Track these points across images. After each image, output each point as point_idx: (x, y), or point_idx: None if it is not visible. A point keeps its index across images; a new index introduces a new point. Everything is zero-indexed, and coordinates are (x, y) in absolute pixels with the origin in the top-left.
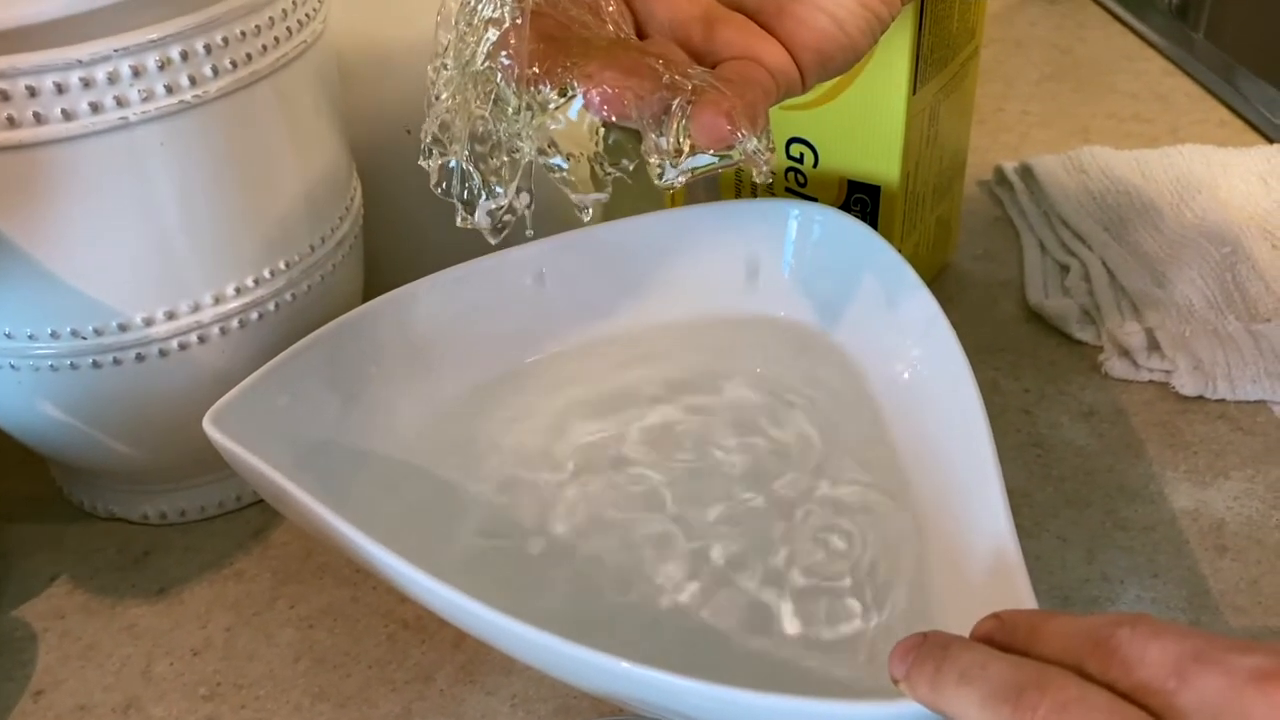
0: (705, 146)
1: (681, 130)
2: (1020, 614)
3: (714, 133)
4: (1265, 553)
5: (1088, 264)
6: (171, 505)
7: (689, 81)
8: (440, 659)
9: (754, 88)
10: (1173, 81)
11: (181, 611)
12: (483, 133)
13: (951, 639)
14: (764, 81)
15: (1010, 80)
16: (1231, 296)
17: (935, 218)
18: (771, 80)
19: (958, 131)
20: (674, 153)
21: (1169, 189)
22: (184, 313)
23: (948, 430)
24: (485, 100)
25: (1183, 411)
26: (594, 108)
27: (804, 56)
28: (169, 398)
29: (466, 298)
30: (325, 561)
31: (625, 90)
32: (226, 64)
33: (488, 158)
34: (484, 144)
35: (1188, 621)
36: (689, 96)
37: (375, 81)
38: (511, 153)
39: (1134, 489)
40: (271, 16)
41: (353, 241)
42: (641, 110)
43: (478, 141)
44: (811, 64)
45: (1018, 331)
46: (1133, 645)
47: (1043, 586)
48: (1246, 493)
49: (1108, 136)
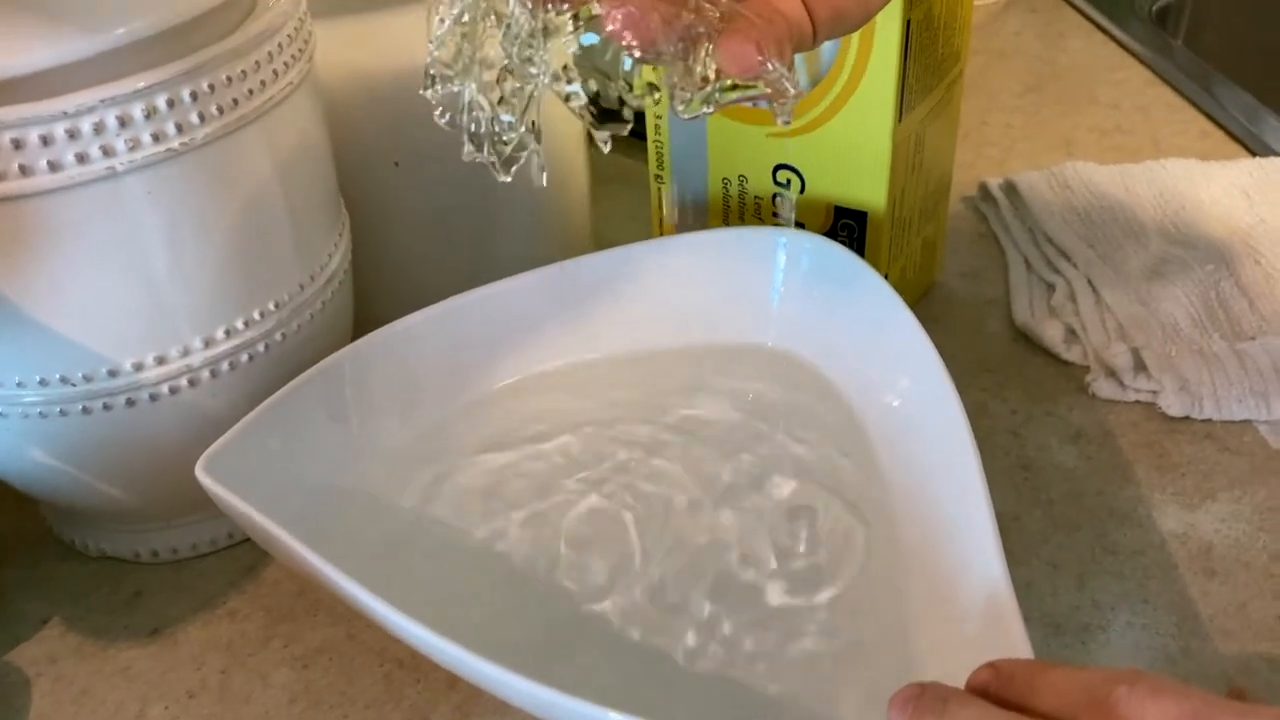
0: (733, 74)
1: (708, 59)
2: (1017, 665)
3: (742, 60)
4: (1253, 575)
5: (1073, 282)
6: (163, 543)
7: (716, 9)
8: (435, 698)
9: (779, 23)
10: (1154, 92)
11: (175, 653)
12: (492, 59)
13: (950, 693)
14: (787, 18)
15: (993, 93)
16: (1216, 315)
17: (921, 240)
18: (789, 26)
19: (943, 155)
20: (700, 82)
21: (1152, 204)
22: (174, 357)
23: (937, 464)
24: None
25: (1170, 432)
26: (615, 32)
27: (820, 11)
28: (160, 442)
29: (457, 330)
30: (319, 598)
31: (650, 13)
32: (213, 110)
33: (497, 85)
34: (492, 71)
35: (1178, 648)
36: (716, 25)
37: (361, 114)
38: (524, 80)
39: (1123, 512)
40: (258, 60)
41: (342, 277)
42: (667, 36)
43: (486, 68)
44: (826, 19)
45: (1005, 351)
46: (1130, 705)
47: (1034, 614)
48: (1233, 515)
49: (1090, 149)
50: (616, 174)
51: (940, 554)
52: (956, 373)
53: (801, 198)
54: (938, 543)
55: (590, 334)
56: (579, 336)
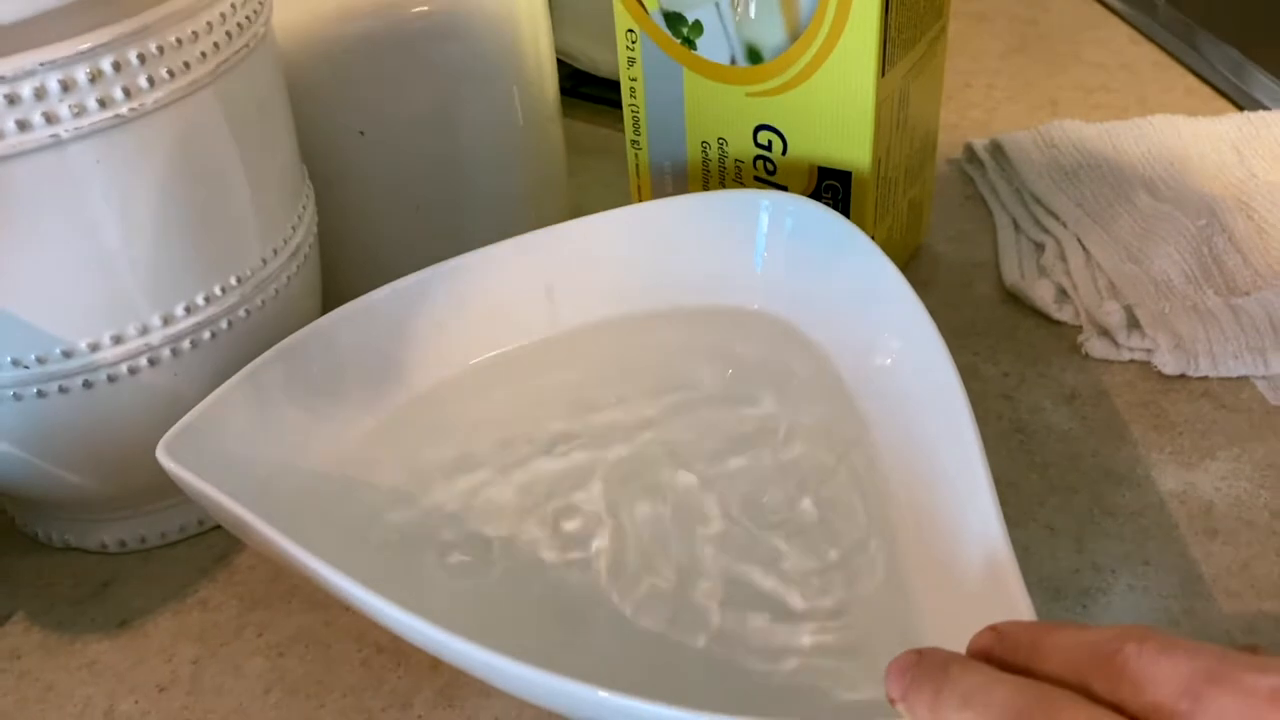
0: None
1: None
2: (1019, 627)
3: None
4: (1255, 534)
5: (1063, 242)
6: (130, 532)
7: None
8: (417, 683)
9: None
10: (1138, 50)
11: (145, 645)
12: None
13: (950, 658)
14: None
15: (975, 55)
16: (1209, 271)
17: (908, 201)
18: None
19: (928, 112)
20: None
21: (1141, 162)
22: (132, 336)
23: (930, 425)
24: None
25: (1165, 391)
26: None
27: None
28: (121, 424)
29: (428, 304)
30: (294, 584)
31: None
32: (163, 74)
33: None
34: None
35: (1181, 610)
36: None
37: (323, 82)
38: None
39: (1120, 473)
40: (209, 22)
41: (308, 251)
42: None
43: None
44: None
45: (995, 314)
46: (1141, 663)
47: (1033, 578)
48: (1233, 473)
49: (1076, 109)
50: (595, 145)
51: (937, 516)
52: (946, 336)
53: (784, 159)
54: (934, 505)
55: (570, 304)
56: (558, 307)
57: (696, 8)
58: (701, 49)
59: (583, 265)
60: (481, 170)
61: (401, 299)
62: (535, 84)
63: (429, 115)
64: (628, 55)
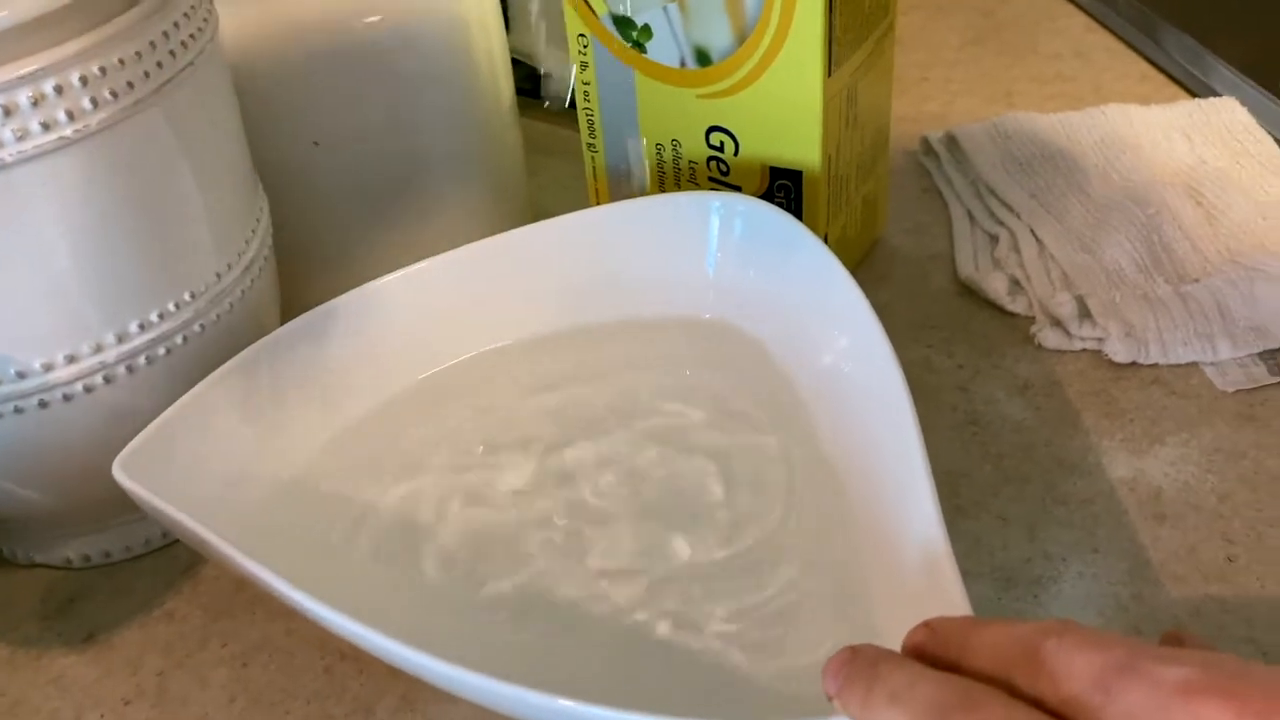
0: None
1: None
2: (951, 623)
3: None
4: (1202, 518)
5: (1016, 233)
6: (95, 547)
7: None
8: (379, 689)
9: None
10: (1094, 38)
11: (111, 658)
12: None
13: (881, 655)
14: None
15: (934, 48)
16: (1159, 258)
17: (861, 197)
18: None
19: (878, 109)
20: None
21: (1094, 151)
22: (86, 354)
23: (875, 423)
24: None
25: (1117, 379)
26: None
27: None
28: (79, 443)
29: (385, 313)
30: (257, 595)
31: None
32: (106, 95)
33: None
34: None
35: (1129, 595)
36: None
37: (275, 95)
38: None
39: (1072, 462)
40: (152, 41)
41: (263, 264)
42: None
43: None
44: None
45: (950, 306)
46: (1059, 657)
47: (985, 568)
48: (1182, 458)
49: (1032, 99)
50: (555, 146)
51: (883, 514)
52: (902, 330)
53: (736, 160)
54: (880, 502)
55: (522, 309)
56: (513, 313)
57: (644, 12)
58: (651, 52)
59: (535, 272)
60: (438, 177)
61: (357, 309)
62: (489, 89)
63: (383, 124)
64: (580, 59)
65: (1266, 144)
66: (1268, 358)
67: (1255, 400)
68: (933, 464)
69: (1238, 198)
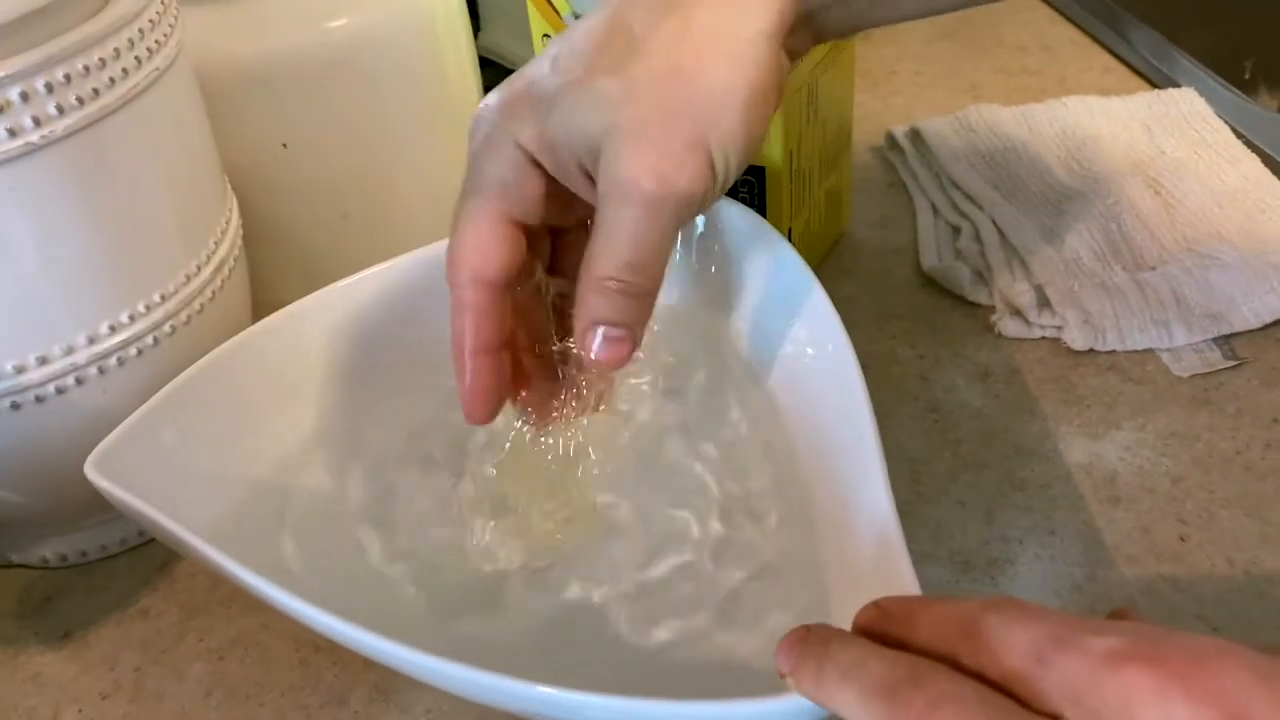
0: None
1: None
2: (899, 602)
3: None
4: (1156, 500)
5: (979, 224)
6: (71, 546)
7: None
8: (353, 680)
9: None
10: (1058, 31)
11: (88, 655)
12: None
13: (833, 634)
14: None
15: (902, 43)
16: (1118, 247)
17: (825, 192)
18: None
19: (840, 105)
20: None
21: (1055, 143)
22: (57, 356)
23: (831, 412)
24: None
25: (1075, 366)
26: None
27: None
28: (52, 444)
29: (355, 311)
30: (233, 590)
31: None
32: (72, 101)
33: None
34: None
35: (1084, 576)
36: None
37: (243, 98)
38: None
39: (1030, 447)
40: (117, 48)
41: (233, 265)
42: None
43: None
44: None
45: (913, 297)
46: (998, 632)
47: (943, 552)
48: (1138, 442)
49: (997, 91)
50: None
51: (834, 496)
52: (866, 321)
53: None
54: (831, 485)
55: None
56: None
57: None
58: None
59: None
60: (407, 176)
61: (328, 308)
62: (457, 89)
63: (351, 125)
64: None
65: (1224, 133)
66: (1222, 343)
67: (1210, 385)
68: (894, 451)
69: (1195, 187)
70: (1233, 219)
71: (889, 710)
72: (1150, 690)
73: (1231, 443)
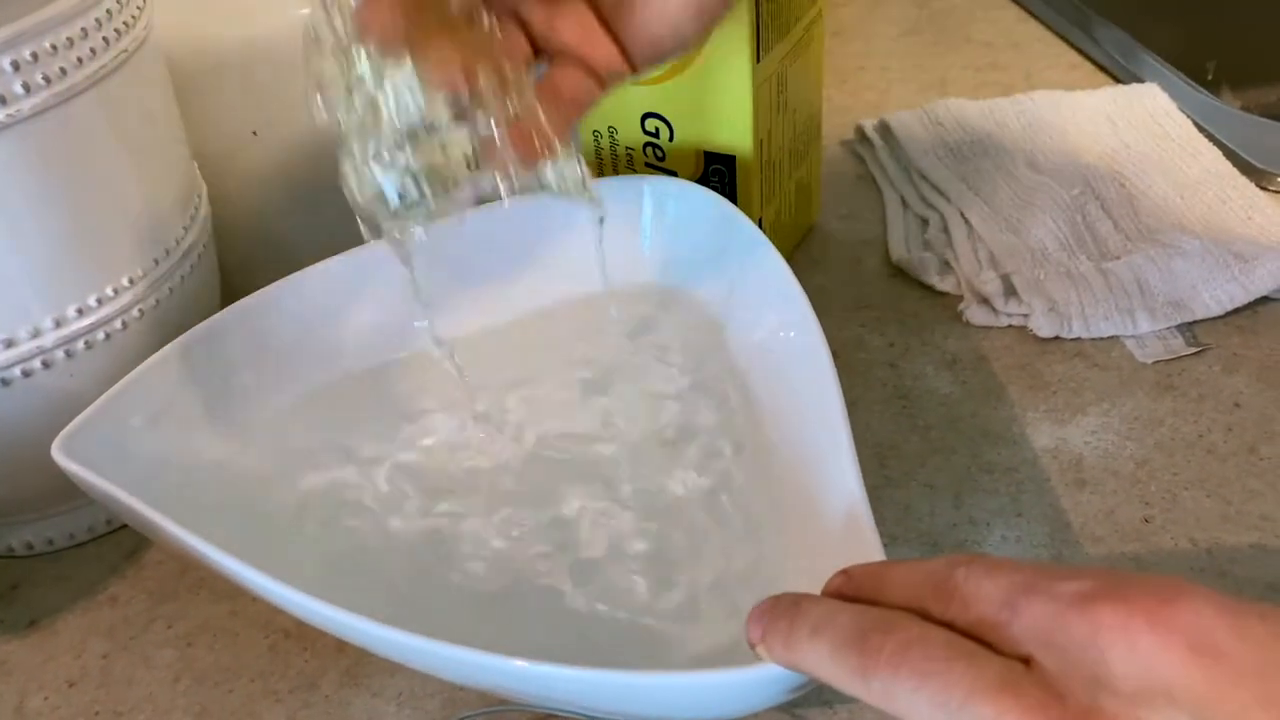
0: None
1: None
2: (866, 567)
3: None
4: (1120, 483)
5: (946, 216)
6: (38, 535)
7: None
8: (324, 665)
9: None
10: (1025, 28)
11: (55, 643)
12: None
13: (801, 597)
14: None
15: (871, 38)
16: (1082, 237)
17: (795, 182)
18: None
19: (809, 96)
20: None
21: (1021, 136)
22: (24, 339)
23: (802, 392)
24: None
25: (1041, 353)
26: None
27: (636, 49)
28: (19, 428)
29: (325, 298)
30: (202, 577)
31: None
32: (39, 80)
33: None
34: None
35: (1050, 557)
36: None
37: (214, 84)
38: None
39: (997, 432)
40: (84, 28)
41: (201, 250)
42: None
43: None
44: (644, 57)
45: (882, 287)
46: (968, 583)
47: (912, 534)
48: (1103, 426)
49: (965, 86)
50: None
51: (808, 473)
52: (836, 310)
53: (671, 145)
54: (805, 462)
55: (462, 294)
56: (450, 298)
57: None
58: None
59: (475, 257)
60: None
61: (296, 293)
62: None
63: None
64: None
65: (1186, 127)
66: (1185, 330)
67: (1173, 370)
68: (863, 436)
69: (1158, 178)
70: (1195, 210)
71: (860, 658)
72: (1116, 626)
73: (1194, 427)
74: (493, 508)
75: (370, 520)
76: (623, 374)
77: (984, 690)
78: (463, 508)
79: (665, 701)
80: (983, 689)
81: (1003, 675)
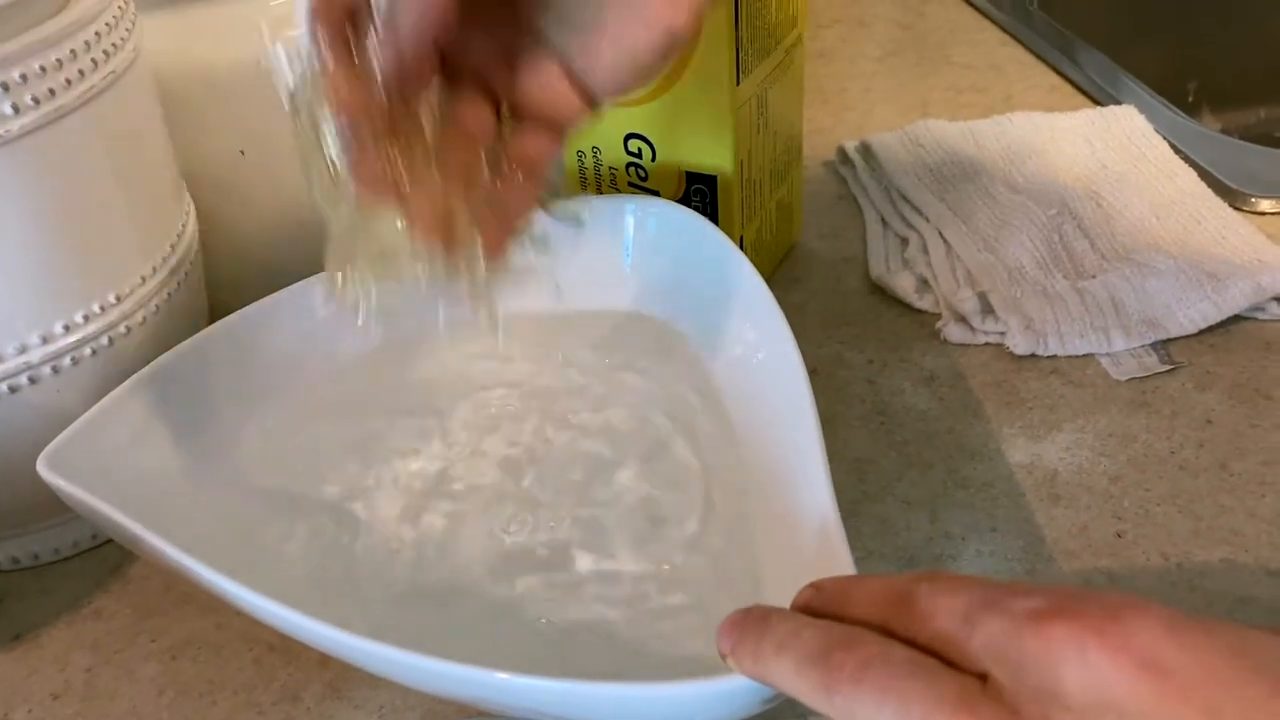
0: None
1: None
2: (835, 581)
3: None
4: (1094, 498)
5: (925, 236)
6: (23, 549)
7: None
8: (307, 678)
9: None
10: (1007, 51)
11: (39, 656)
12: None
13: (770, 611)
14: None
15: (853, 59)
16: (1059, 256)
17: (775, 202)
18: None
19: (789, 116)
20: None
21: (1000, 157)
22: (10, 355)
23: (778, 407)
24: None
25: (1017, 370)
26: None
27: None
28: (5, 443)
29: (311, 316)
30: (187, 592)
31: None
32: (28, 100)
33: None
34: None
35: (1024, 571)
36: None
37: (202, 103)
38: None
39: (973, 448)
40: (74, 49)
41: (188, 268)
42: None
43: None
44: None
45: (861, 305)
46: (929, 599)
47: (888, 548)
48: (1077, 443)
49: (946, 108)
50: None
51: (782, 488)
52: (815, 328)
53: (654, 165)
54: (779, 478)
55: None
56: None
57: None
58: None
59: None
60: None
61: (283, 311)
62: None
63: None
64: None
65: (1161, 148)
66: (1159, 348)
67: (1147, 388)
68: (841, 452)
69: (1134, 199)
70: (1170, 230)
71: (823, 674)
72: (1069, 643)
73: (1166, 443)
74: (473, 525)
75: (352, 535)
76: (598, 391)
77: (939, 707)
78: (444, 524)
79: (640, 712)
80: (938, 706)
81: (958, 692)
